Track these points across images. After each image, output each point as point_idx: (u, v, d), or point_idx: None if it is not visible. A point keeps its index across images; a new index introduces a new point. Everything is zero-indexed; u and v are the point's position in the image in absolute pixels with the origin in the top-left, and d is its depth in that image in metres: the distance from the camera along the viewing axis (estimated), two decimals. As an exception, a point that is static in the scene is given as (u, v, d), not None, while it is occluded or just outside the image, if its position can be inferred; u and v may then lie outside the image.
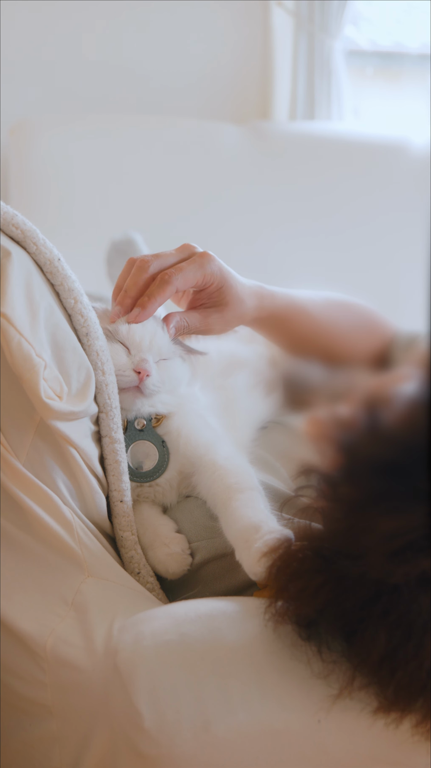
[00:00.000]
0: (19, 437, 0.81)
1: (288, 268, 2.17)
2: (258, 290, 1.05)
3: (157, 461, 0.93)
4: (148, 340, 0.94)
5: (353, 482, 0.70)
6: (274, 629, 0.73)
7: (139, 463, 0.93)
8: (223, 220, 2.19)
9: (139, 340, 0.94)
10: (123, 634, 0.76)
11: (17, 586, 0.82)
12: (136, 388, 0.92)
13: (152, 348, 0.94)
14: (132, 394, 0.92)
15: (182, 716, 0.70)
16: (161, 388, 0.93)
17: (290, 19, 2.39)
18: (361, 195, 2.22)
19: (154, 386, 0.92)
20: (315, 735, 0.69)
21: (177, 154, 2.21)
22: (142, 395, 0.92)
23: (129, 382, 0.92)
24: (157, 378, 0.93)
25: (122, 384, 0.91)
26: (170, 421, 0.94)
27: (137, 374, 0.91)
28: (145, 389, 0.92)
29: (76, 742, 0.78)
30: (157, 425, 0.94)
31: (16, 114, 2.22)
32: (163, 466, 0.93)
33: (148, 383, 0.92)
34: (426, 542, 0.65)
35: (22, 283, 0.80)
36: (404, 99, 2.60)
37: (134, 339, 0.94)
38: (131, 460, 0.92)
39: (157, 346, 0.95)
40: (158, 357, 0.94)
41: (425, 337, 1.19)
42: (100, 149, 2.19)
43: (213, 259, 0.98)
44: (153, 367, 0.92)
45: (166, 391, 0.94)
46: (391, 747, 0.69)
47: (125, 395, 0.92)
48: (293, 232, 2.20)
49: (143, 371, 0.91)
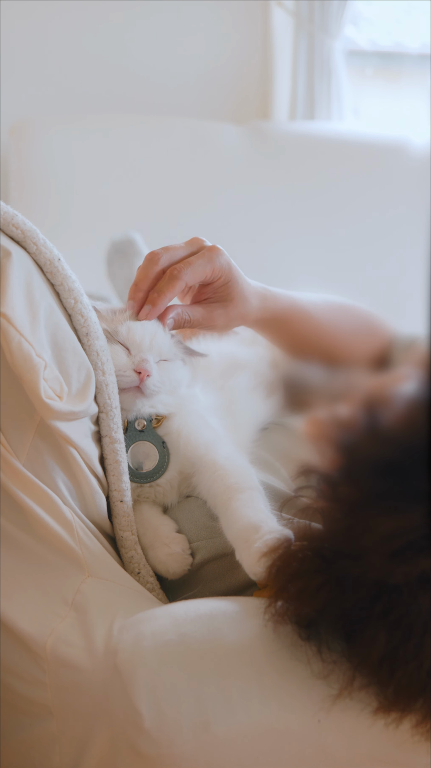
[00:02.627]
0: (20, 437, 0.81)
1: (288, 267, 2.17)
2: (262, 291, 1.04)
3: (158, 462, 0.93)
4: (149, 341, 0.94)
5: (353, 482, 0.70)
6: (274, 629, 0.73)
7: (140, 464, 0.93)
8: (223, 219, 2.19)
9: (139, 341, 0.93)
10: (123, 634, 0.76)
11: (17, 586, 0.82)
12: (137, 388, 0.92)
13: (152, 348, 0.94)
14: (132, 394, 0.92)
15: (182, 716, 0.70)
16: (161, 388, 0.93)
17: (290, 19, 2.39)
18: (361, 195, 2.22)
19: (154, 386, 0.92)
20: (315, 735, 0.69)
21: (177, 154, 2.21)
22: (143, 395, 0.92)
23: (129, 383, 0.91)
24: (158, 378, 0.93)
25: (123, 384, 0.91)
26: (170, 421, 0.94)
27: (138, 374, 0.91)
28: (146, 389, 0.92)
29: (76, 742, 0.78)
30: (157, 426, 0.94)
31: (16, 114, 2.22)
32: (163, 467, 0.93)
33: (148, 383, 0.92)
34: (426, 542, 0.65)
35: (22, 283, 0.80)
36: (404, 99, 2.60)
37: (134, 339, 0.94)
38: (131, 460, 0.92)
39: (157, 347, 0.94)
40: (158, 357, 0.94)
41: (424, 338, 1.19)
42: (100, 149, 2.19)
43: (221, 252, 0.98)
44: (153, 367, 0.92)
45: (166, 392, 0.94)
46: (391, 747, 0.69)
47: (125, 395, 0.92)
48: (293, 231, 2.20)
49: (144, 371, 0.91)
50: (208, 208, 2.20)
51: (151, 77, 2.40)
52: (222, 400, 1.03)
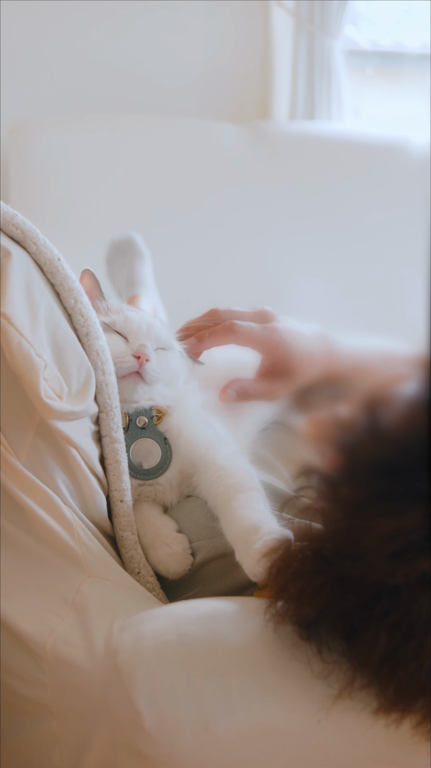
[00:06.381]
0: (20, 437, 0.81)
1: (288, 267, 2.17)
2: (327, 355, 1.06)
3: (160, 458, 0.93)
4: (146, 328, 0.95)
5: (353, 483, 0.70)
6: (274, 629, 0.73)
7: (142, 461, 0.93)
8: (223, 219, 2.19)
9: (136, 328, 0.94)
10: (123, 634, 0.76)
11: (17, 586, 0.82)
12: (137, 374, 0.92)
13: (150, 336, 0.95)
14: (133, 380, 0.92)
15: (182, 716, 0.70)
16: (160, 375, 0.93)
17: (290, 19, 2.39)
18: (361, 195, 2.22)
19: (154, 372, 0.92)
20: (316, 735, 0.69)
21: (177, 154, 2.21)
22: (143, 381, 0.92)
23: (129, 368, 0.92)
24: (157, 364, 0.93)
25: (122, 371, 0.91)
26: (170, 418, 0.94)
27: (137, 359, 0.91)
28: (146, 374, 0.92)
29: (76, 742, 0.78)
30: (157, 423, 0.94)
31: (16, 114, 2.22)
32: (166, 463, 0.93)
33: (148, 368, 0.92)
34: (427, 543, 0.65)
35: (22, 283, 0.80)
36: (404, 99, 2.60)
37: (132, 327, 0.94)
38: (134, 457, 0.93)
39: (154, 335, 0.95)
40: (156, 345, 0.95)
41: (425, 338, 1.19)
42: (100, 149, 2.19)
43: (279, 332, 1.02)
44: (152, 354, 0.93)
45: (165, 382, 0.94)
46: (391, 747, 0.69)
47: (126, 383, 0.92)
48: (293, 231, 2.20)
49: (143, 355, 0.92)
50: (207, 208, 2.20)
51: (150, 77, 2.40)
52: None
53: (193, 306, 1.10)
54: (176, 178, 2.20)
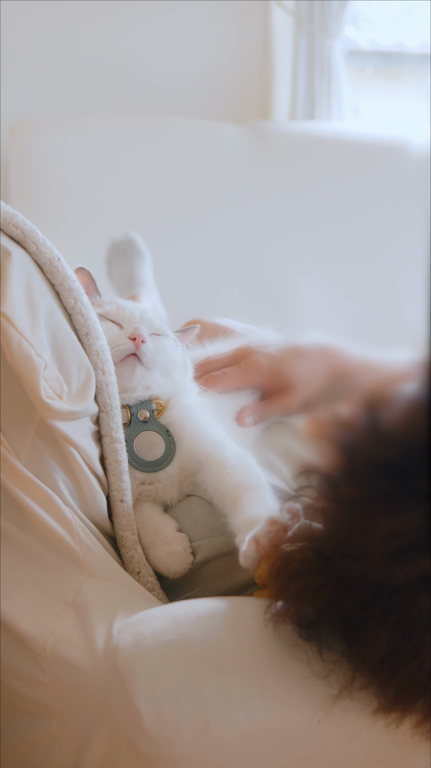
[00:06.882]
0: (20, 437, 0.81)
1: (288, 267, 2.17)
2: (324, 357, 1.08)
3: (164, 449, 0.93)
4: (139, 314, 0.97)
5: (354, 482, 0.69)
6: (274, 629, 0.73)
7: (146, 454, 0.93)
8: (223, 219, 2.19)
9: (129, 314, 0.96)
10: (123, 634, 0.76)
11: (17, 586, 0.82)
12: (134, 355, 0.92)
13: (144, 321, 0.96)
14: (131, 363, 0.93)
15: (182, 716, 0.70)
16: (157, 360, 0.94)
17: (290, 19, 2.39)
18: (361, 195, 2.22)
19: (150, 353, 0.93)
20: (315, 735, 0.69)
21: (177, 153, 2.21)
22: (140, 363, 0.93)
23: (126, 350, 0.92)
24: (153, 347, 0.94)
25: (119, 355, 0.92)
26: (171, 412, 0.95)
27: (133, 341, 0.92)
28: (143, 356, 0.93)
29: (76, 742, 0.78)
30: (158, 416, 0.94)
31: (16, 114, 2.22)
32: (170, 454, 0.93)
33: (144, 349, 0.93)
34: (427, 543, 0.65)
35: (22, 283, 0.80)
36: (404, 99, 2.60)
37: (125, 314, 0.96)
38: (138, 451, 0.93)
39: (148, 320, 0.97)
40: (150, 330, 0.96)
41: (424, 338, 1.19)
42: (100, 149, 2.19)
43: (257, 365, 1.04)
44: (147, 337, 0.94)
45: (161, 370, 0.95)
46: (391, 747, 0.69)
47: (123, 367, 0.92)
48: (293, 231, 2.20)
49: (138, 336, 0.92)
50: (208, 208, 2.19)
51: (150, 77, 2.40)
52: (225, 400, 1.03)
53: (193, 306, 1.10)
54: (176, 178, 2.20)
